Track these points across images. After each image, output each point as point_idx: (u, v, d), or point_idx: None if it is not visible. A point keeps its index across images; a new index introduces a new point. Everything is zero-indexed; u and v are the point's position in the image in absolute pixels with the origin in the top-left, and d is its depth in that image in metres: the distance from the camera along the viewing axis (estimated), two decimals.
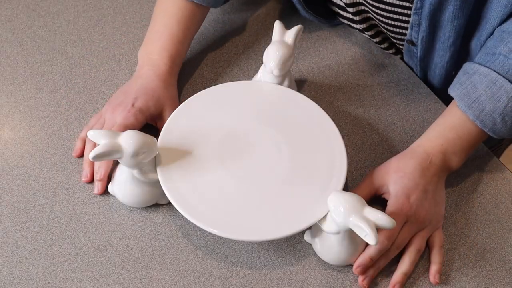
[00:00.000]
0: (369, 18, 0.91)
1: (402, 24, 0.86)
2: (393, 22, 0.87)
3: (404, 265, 0.70)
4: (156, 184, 0.71)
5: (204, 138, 0.73)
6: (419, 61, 0.88)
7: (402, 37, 0.89)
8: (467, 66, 0.76)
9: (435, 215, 0.73)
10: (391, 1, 0.83)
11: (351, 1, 0.88)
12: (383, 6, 0.85)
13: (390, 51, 0.93)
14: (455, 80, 0.76)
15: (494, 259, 0.74)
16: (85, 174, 0.76)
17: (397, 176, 0.72)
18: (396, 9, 0.84)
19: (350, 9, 0.89)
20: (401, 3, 0.83)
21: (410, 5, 0.82)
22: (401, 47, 0.92)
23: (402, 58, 0.94)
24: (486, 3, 0.76)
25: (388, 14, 0.86)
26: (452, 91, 0.75)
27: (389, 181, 0.73)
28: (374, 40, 0.93)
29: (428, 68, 0.89)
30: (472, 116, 0.73)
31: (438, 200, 0.74)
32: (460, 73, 0.77)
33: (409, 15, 0.83)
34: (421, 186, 0.72)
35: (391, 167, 0.74)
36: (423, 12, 0.79)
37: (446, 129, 0.75)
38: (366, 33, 0.92)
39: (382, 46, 0.93)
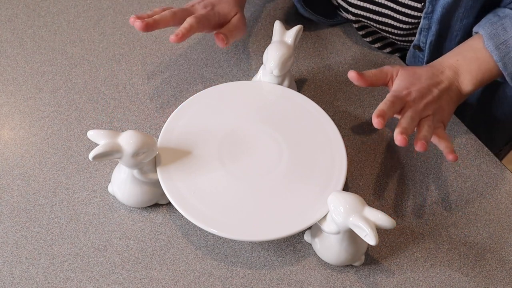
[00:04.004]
0: (366, 26, 0.91)
1: (409, 31, 0.87)
2: (399, 31, 0.88)
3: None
4: (156, 184, 0.71)
5: (204, 138, 0.73)
6: None
7: (408, 43, 0.89)
8: (498, 9, 0.77)
9: (439, 110, 0.73)
10: (399, 8, 0.84)
11: (356, 19, 0.89)
12: (391, 14, 0.85)
13: (386, 50, 0.94)
14: (484, 20, 0.77)
15: (494, 259, 0.74)
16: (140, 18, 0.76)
17: (406, 71, 0.73)
18: (404, 17, 0.85)
19: (352, 16, 0.89)
20: (410, 8, 0.83)
21: (420, 12, 0.82)
22: (406, 45, 0.92)
23: (400, 57, 0.94)
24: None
25: (395, 22, 0.86)
26: (481, 29, 0.75)
27: (398, 72, 0.74)
28: (367, 39, 0.93)
29: None
30: (497, 57, 0.73)
31: (443, 105, 0.74)
32: (490, 14, 0.77)
33: (417, 20, 0.83)
34: (425, 84, 0.72)
35: (405, 66, 0.75)
36: (434, 16, 0.80)
37: (465, 51, 0.76)
38: (359, 32, 0.92)
39: (376, 45, 0.93)
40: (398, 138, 0.66)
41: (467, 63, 0.75)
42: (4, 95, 0.85)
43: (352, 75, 0.71)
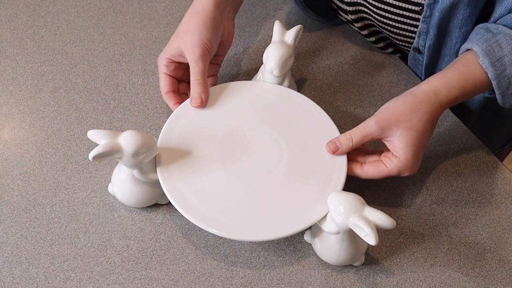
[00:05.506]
0: (370, 25, 0.91)
1: (409, 34, 0.87)
2: (399, 31, 0.87)
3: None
4: (156, 184, 0.71)
5: (204, 138, 0.73)
6: (424, 69, 0.88)
7: (408, 45, 0.90)
8: (488, 25, 0.74)
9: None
10: (397, 11, 0.84)
11: (353, 9, 0.88)
12: (390, 16, 0.85)
13: (388, 51, 0.94)
14: (477, 36, 0.73)
15: (494, 259, 0.74)
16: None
17: (408, 133, 0.69)
18: (402, 19, 0.85)
19: (352, 16, 0.89)
20: (408, 11, 0.83)
21: (418, 14, 0.82)
22: (406, 49, 0.92)
23: (401, 58, 0.94)
24: (493, 8, 0.76)
25: (393, 23, 0.86)
26: (475, 45, 0.72)
27: (396, 134, 0.70)
28: (370, 39, 0.93)
29: None
30: (492, 74, 0.71)
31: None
32: (481, 30, 0.74)
33: (415, 23, 0.83)
34: (427, 141, 0.71)
35: (402, 120, 0.70)
36: (432, 20, 0.80)
37: (465, 82, 0.72)
38: (361, 32, 0.92)
39: (379, 45, 0.93)
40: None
41: (465, 96, 0.73)
42: (4, 95, 0.85)
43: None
